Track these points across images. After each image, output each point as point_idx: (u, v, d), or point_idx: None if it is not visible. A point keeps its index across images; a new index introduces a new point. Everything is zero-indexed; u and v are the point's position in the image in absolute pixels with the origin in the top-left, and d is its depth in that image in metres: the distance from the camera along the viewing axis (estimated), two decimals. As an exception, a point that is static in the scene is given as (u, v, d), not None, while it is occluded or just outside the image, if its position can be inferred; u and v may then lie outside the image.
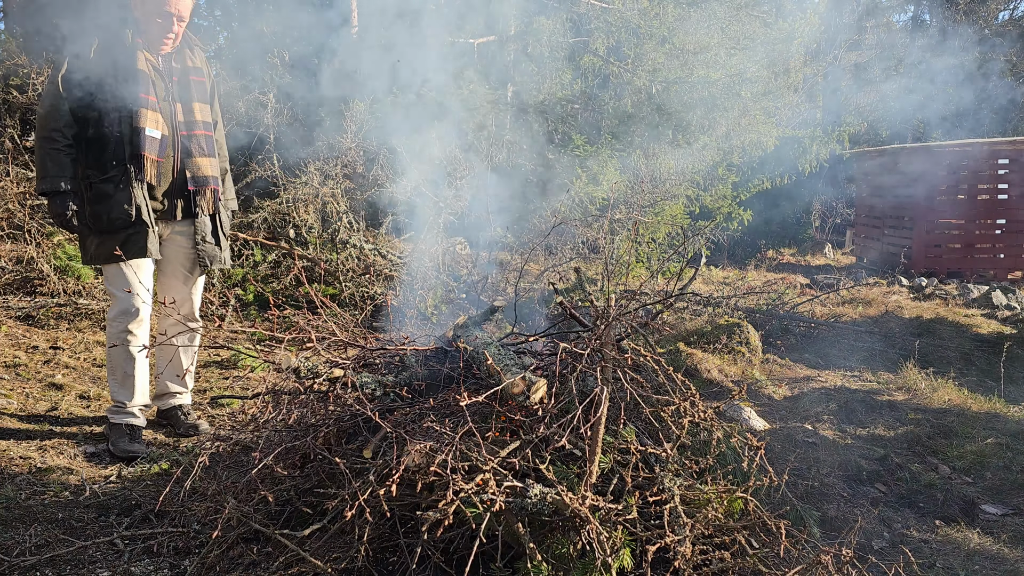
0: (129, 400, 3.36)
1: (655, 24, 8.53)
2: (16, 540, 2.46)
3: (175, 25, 3.21)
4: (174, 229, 3.41)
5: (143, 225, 3.22)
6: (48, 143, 3.15)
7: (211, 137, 3.42)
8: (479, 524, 2.07)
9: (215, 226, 3.48)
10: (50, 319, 5.18)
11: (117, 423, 3.35)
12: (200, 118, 3.36)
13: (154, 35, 3.21)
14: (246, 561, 2.28)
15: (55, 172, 3.15)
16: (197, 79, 3.37)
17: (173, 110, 3.29)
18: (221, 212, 3.50)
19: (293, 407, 2.65)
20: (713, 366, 4.96)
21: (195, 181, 3.35)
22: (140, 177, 3.19)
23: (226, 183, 3.63)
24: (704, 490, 2.29)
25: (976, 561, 2.71)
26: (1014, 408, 4.58)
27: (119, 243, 3.18)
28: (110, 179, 3.18)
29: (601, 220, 7.38)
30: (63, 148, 3.15)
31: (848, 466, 3.45)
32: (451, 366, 2.70)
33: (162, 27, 3.19)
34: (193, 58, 3.38)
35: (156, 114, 3.21)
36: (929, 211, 10.14)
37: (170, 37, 3.23)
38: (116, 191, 3.17)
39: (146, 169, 3.20)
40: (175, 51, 3.32)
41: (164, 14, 3.16)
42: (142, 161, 3.18)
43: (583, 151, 8.14)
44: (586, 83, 9.34)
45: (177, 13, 3.19)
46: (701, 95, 8.84)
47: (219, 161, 3.52)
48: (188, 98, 3.33)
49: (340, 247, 6.23)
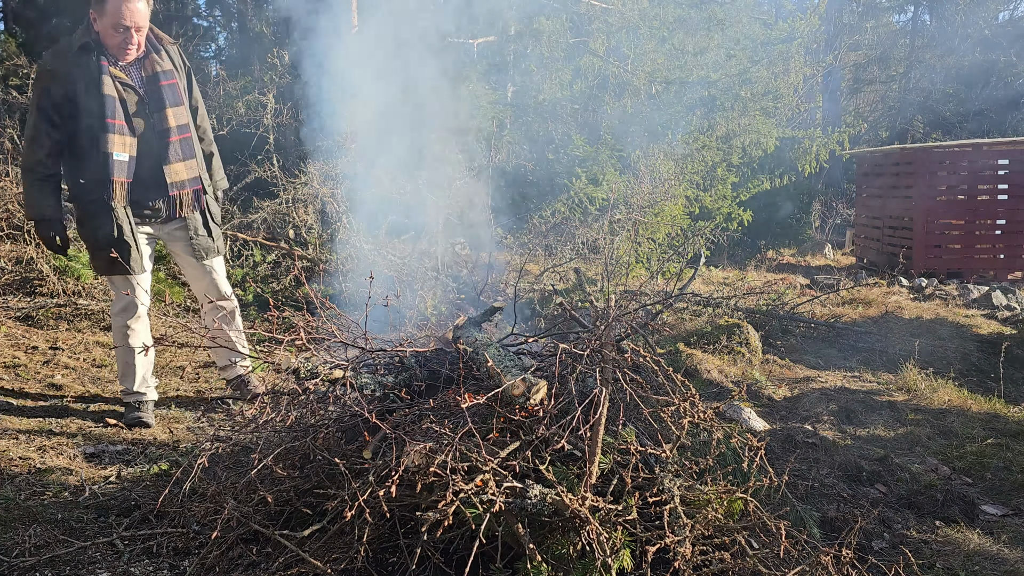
0: (132, 386, 3.67)
1: (655, 24, 8.53)
2: (15, 541, 2.45)
3: (133, 36, 3.33)
4: (167, 231, 3.66)
5: (126, 245, 3.43)
6: (30, 174, 3.39)
7: (187, 139, 3.56)
8: (479, 525, 2.07)
9: (204, 219, 3.68)
10: (49, 319, 5.18)
11: (128, 401, 3.69)
12: (174, 123, 3.49)
13: (116, 47, 3.34)
14: (246, 562, 2.28)
15: (38, 201, 3.41)
16: (167, 83, 3.48)
17: (148, 119, 3.44)
18: (209, 203, 3.69)
19: (292, 408, 2.65)
20: (713, 367, 4.95)
21: (174, 187, 3.54)
22: (111, 199, 3.38)
23: (213, 164, 3.80)
24: (704, 491, 2.28)
25: (976, 562, 2.70)
26: (1014, 408, 4.58)
27: (107, 258, 3.37)
28: (92, 200, 3.40)
29: (601, 220, 7.38)
30: (45, 178, 3.39)
31: (848, 466, 3.45)
32: (451, 367, 2.70)
33: (121, 38, 3.31)
34: (161, 62, 3.48)
35: (124, 137, 3.37)
36: (929, 211, 10.13)
37: (131, 48, 3.36)
38: (99, 211, 3.40)
39: (115, 192, 3.38)
40: (142, 58, 3.44)
41: (120, 26, 3.28)
42: (112, 185, 3.36)
43: (583, 151, 8.14)
44: (586, 83, 9.34)
45: (133, 24, 3.30)
46: (701, 95, 8.84)
47: (205, 144, 3.72)
48: (161, 106, 3.46)
49: (340, 247, 6.22)
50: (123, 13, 3.25)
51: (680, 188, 8.49)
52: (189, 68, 3.66)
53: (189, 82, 3.64)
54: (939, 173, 10.25)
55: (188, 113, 3.57)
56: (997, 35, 19.60)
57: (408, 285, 5.42)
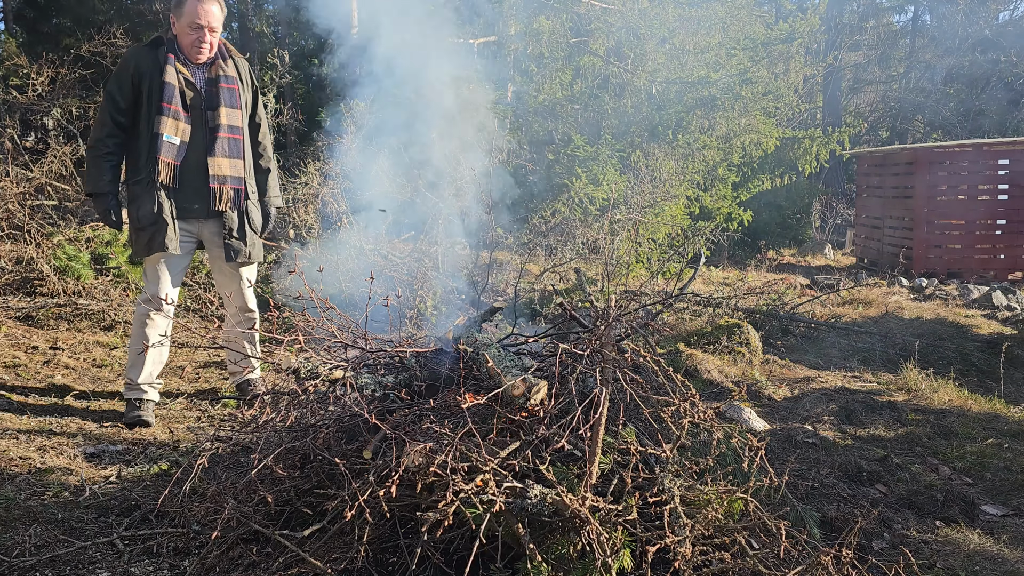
0: (137, 377, 3.70)
1: (655, 24, 8.53)
2: (16, 541, 2.45)
3: (207, 35, 3.59)
4: (208, 227, 3.75)
5: (163, 223, 3.56)
6: (92, 151, 3.62)
7: (236, 140, 3.72)
8: (479, 525, 2.07)
9: (242, 222, 3.76)
10: (50, 319, 5.18)
11: (129, 398, 3.72)
12: (225, 122, 3.67)
13: (190, 46, 3.59)
14: (246, 562, 2.28)
15: (95, 176, 3.60)
16: (227, 86, 3.70)
17: (203, 116, 3.63)
18: (250, 209, 3.80)
19: (292, 408, 2.65)
20: (713, 367, 4.95)
21: (215, 179, 3.66)
22: (157, 178, 3.53)
23: (270, 181, 3.96)
24: (704, 491, 2.28)
25: (976, 562, 2.70)
26: (1014, 408, 4.58)
27: (147, 239, 3.56)
28: (139, 181, 3.58)
29: (601, 220, 7.38)
30: (104, 155, 3.59)
31: (848, 467, 3.45)
32: (451, 367, 2.70)
33: (196, 38, 3.58)
34: (226, 68, 3.72)
35: (177, 121, 3.57)
36: (929, 211, 10.13)
37: (204, 47, 3.60)
38: (143, 191, 3.56)
39: (161, 171, 3.53)
40: (210, 61, 3.68)
41: (196, 25, 3.55)
42: (158, 164, 3.52)
43: (583, 151, 8.14)
44: (586, 83, 9.34)
45: (207, 24, 3.57)
46: (701, 95, 8.84)
47: (263, 161, 3.93)
48: (216, 104, 3.65)
49: (340, 247, 6.22)
50: (199, 13, 3.54)
51: (680, 188, 8.49)
52: (256, 87, 3.91)
53: (255, 99, 3.88)
54: (939, 173, 10.25)
55: (242, 119, 3.76)
56: (997, 35, 19.60)
57: (408, 285, 5.42)
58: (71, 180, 7.24)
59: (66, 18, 12.12)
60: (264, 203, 3.93)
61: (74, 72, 8.74)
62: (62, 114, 8.42)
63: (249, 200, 3.79)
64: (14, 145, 6.27)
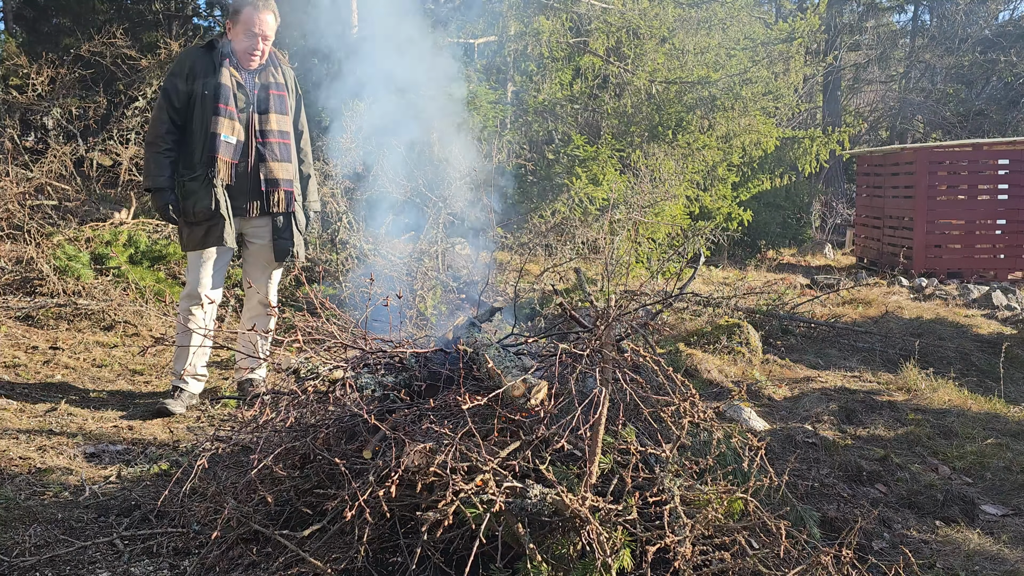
0: (179, 369, 3.88)
1: (655, 24, 8.53)
2: (16, 540, 2.45)
3: (260, 43, 3.75)
4: (253, 226, 3.92)
5: (221, 218, 3.73)
6: (151, 148, 3.78)
7: (286, 145, 3.90)
8: (479, 525, 2.07)
9: (288, 223, 3.93)
10: (50, 319, 5.18)
11: (174, 386, 3.89)
12: (276, 127, 3.85)
13: (244, 52, 3.75)
14: (246, 562, 2.28)
15: (155, 172, 3.74)
16: (277, 93, 3.87)
17: (252, 120, 3.79)
18: (296, 211, 3.97)
19: (292, 408, 2.65)
20: (713, 367, 4.95)
21: (268, 183, 3.84)
22: (215, 176, 3.68)
23: (309, 186, 4.14)
24: (704, 491, 2.28)
25: (976, 562, 2.71)
26: (1014, 408, 4.58)
27: (202, 233, 3.73)
28: (195, 178, 3.72)
29: (601, 220, 7.38)
30: (162, 151, 3.74)
31: (848, 466, 3.45)
32: (451, 368, 2.70)
33: (249, 44, 3.73)
34: (276, 75, 3.88)
35: (233, 122, 3.73)
36: (929, 211, 10.13)
37: (256, 53, 3.76)
38: (200, 188, 3.71)
39: (219, 169, 3.70)
40: (261, 68, 3.84)
41: (251, 33, 3.72)
42: (216, 162, 3.69)
43: (583, 151, 8.14)
44: (586, 83, 9.34)
45: (262, 32, 3.73)
46: (701, 95, 8.84)
47: (304, 167, 4.08)
48: (266, 109, 3.83)
49: (340, 247, 6.22)
50: (254, 21, 3.70)
51: (680, 188, 8.49)
52: (300, 95, 4.05)
53: (298, 107, 4.03)
54: (939, 173, 10.25)
55: (291, 124, 3.94)
56: (997, 35, 19.59)
57: (408, 285, 5.42)
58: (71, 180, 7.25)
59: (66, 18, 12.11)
60: (305, 207, 4.09)
61: (74, 72, 8.74)
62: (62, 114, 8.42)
63: (296, 202, 3.97)
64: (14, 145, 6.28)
